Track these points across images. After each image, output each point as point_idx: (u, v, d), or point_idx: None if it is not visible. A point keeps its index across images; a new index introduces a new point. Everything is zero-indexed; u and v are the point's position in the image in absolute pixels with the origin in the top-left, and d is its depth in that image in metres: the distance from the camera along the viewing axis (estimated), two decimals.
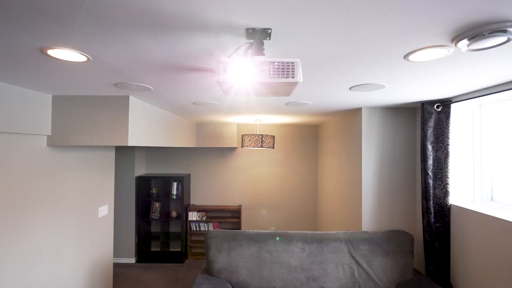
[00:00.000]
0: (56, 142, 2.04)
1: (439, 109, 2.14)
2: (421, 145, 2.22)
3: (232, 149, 4.56)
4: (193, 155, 4.54)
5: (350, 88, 1.80)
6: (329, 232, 2.42)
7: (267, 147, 3.54)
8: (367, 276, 2.22)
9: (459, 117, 2.14)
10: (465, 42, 0.99)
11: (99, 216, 2.69)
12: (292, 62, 0.85)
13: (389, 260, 2.25)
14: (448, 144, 2.08)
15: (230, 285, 2.22)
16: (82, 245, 2.44)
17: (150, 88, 1.79)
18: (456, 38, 0.99)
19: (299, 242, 2.32)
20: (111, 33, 0.95)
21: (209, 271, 2.30)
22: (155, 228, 4.43)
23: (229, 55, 1.03)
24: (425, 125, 2.18)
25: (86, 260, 2.49)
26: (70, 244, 2.29)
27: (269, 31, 0.92)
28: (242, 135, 3.60)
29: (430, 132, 2.17)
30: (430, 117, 2.17)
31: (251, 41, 0.94)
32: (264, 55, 0.93)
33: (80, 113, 2.04)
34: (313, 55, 1.17)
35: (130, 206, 4.10)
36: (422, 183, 2.21)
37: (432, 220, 2.13)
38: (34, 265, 1.94)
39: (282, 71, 0.85)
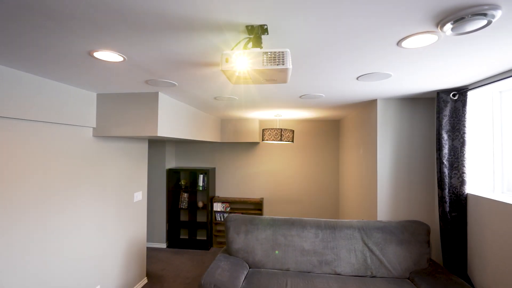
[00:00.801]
0: (100, 133, 2.40)
1: (455, 98, 2.12)
2: (436, 134, 2.21)
3: (254, 144, 4.76)
4: (218, 150, 4.82)
5: (357, 78, 1.88)
6: (342, 220, 2.50)
7: (286, 141, 3.67)
8: (379, 263, 2.26)
9: (477, 105, 2.10)
10: (449, 26, 1.06)
11: (134, 201, 3.05)
12: (282, 52, 1.01)
13: (403, 249, 2.27)
14: (464, 133, 2.05)
15: (247, 264, 2.41)
16: (120, 223, 2.80)
17: (175, 84, 2.05)
18: (440, 22, 1.07)
19: (312, 228, 2.44)
20: (142, 35, 1.19)
21: (228, 251, 2.52)
22: (183, 217, 4.79)
23: (232, 48, 1.21)
24: (440, 114, 2.16)
25: (124, 237, 2.86)
26: (111, 221, 2.66)
27: (265, 26, 1.09)
28: (263, 129, 3.78)
29: (445, 121, 2.15)
30: (446, 106, 2.15)
31: (251, 36, 1.12)
32: (262, 47, 1.10)
33: (118, 108, 2.38)
34: (310, 46, 1.31)
35: (161, 196, 4.50)
36: (437, 172, 2.19)
37: (447, 209, 2.12)
38: (84, 234, 2.31)
39: (274, 60, 1.01)
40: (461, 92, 2.06)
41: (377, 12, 0.99)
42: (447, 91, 2.15)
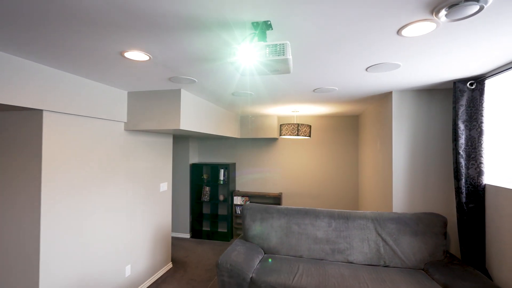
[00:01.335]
0: (130, 127, 2.67)
1: (472, 87, 2.08)
2: (452, 125, 2.18)
3: (273, 140, 4.87)
4: (238, 146, 5.01)
5: (366, 69, 1.94)
6: (355, 211, 2.54)
7: (303, 136, 3.75)
8: (393, 253, 2.28)
9: (496, 93, 2.04)
10: (443, 12, 1.11)
11: (161, 191, 3.32)
12: (283, 44, 1.13)
13: (417, 240, 2.26)
14: (482, 122, 2.01)
15: (262, 250, 2.54)
16: (148, 210, 3.07)
17: (195, 81, 2.24)
18: (435, 9, 1.12)
19: (325, 217, 2.51)
20: (164, 35, 1.37)
21: (244, 237, 2.67)
22: (205, 209, 5.04)
23: (239, 43, 1.36)
24: (457, 104, 2.13)
25: (151, 222, 3.13)
26: (139, 208, 2.93)
27: (269, 22, 1.22)
28: (280, 125, 3.89)
29: (462, 110, 2.12)
30: (462, 96, 2.12)
31: (256, 31, 1.25)
32: (266, 41, 1.23)
33: (146, 104, 2.63)
34: (312, 39, 1.41)
35: (185, 189, 4.78)
36: (453, 163, 2.16)
37: (464, 200, 2.08)
38: (116, 217, 2.59)
39: (275, 51, 1.14)
40: (479, 80, 2.03)
41: (372, 2, 1.08)
42: (464, 80, 2.11)
